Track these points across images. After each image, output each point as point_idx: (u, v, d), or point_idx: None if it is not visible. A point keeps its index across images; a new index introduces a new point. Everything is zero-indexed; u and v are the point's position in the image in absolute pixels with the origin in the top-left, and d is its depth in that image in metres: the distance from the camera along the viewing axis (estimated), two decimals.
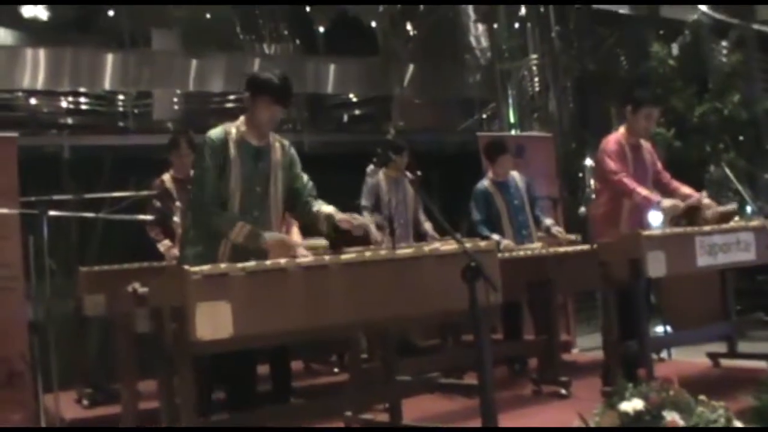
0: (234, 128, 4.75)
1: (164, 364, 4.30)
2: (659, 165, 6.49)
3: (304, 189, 4.92)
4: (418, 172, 6.98)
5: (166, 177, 6.83)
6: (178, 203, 6.58)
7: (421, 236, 7.74)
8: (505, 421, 4.49)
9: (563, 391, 6.38)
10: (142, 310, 4.89)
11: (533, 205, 7.69)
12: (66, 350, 6.47)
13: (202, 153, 4.69)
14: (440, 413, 5.99)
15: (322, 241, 6.71)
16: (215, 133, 4.71)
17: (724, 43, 12.73)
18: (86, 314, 6.72)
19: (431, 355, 7.61)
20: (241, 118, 4.80)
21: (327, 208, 4.83)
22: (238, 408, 4.74)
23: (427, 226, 7.71)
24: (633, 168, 6.24)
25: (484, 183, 7.61)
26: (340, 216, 4.75)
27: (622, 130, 6.37)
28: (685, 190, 6.43)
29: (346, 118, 14.42)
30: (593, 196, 7.38)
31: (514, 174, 7.70)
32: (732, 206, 6.98)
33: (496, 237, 7.24)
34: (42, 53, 10.77)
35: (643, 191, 6.05)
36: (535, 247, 7.20)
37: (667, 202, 6.05)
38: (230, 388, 4.95)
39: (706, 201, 6.35)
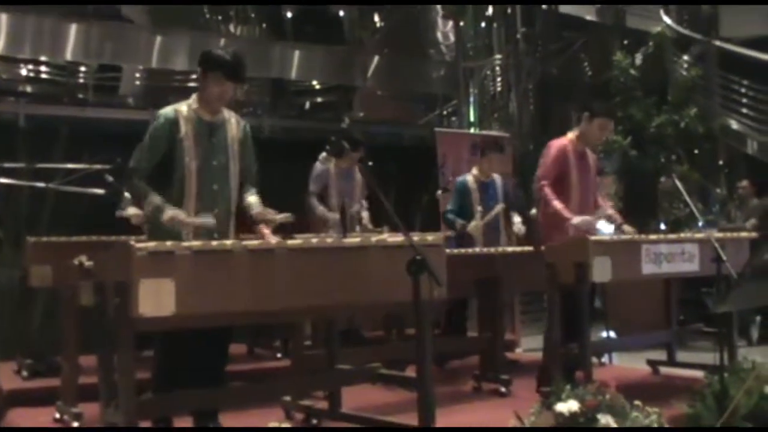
0: (185, 106, 4.83)
1: (105, 339, 4.29)
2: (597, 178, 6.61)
3: (249, 172, 5.02)
4: (370, 163, 6.97)
5: None
6: None
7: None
8: (442, 415, 4.53)
9: (503, 389, 6.45)
10: (87, 284, 4.87)
11: (510, 207, 7.78)
12: (9, 320, 6.41)
13: (149, 130, 4.80)
14: (379, 404, 6.03)
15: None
16: (165, 111, 4.81)
17: (685, 57, 12.87)
18: (32, 285, 6.65)
19: (374, 346, 7.66)
20: (193, 96, 4.88)
21: (252, 198, 4.96)
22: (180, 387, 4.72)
23: (365, 215, 7.68)
24: (578, 174, 6.31)
25: (467, 177, 7.71)
26: (255, 211, 4.90)
27: (571, 135, 6.41)
28: (609, 210, 6.60)
29: (308, 104, 14.40)
30: None
31: (496, 177, 7.76)
32: None
33: (461, 221, 7.38)
34: (4, 18, 10.58)
35: (558, 205, 6.14)
36: None
37: (577, 220, 6.14)
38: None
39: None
